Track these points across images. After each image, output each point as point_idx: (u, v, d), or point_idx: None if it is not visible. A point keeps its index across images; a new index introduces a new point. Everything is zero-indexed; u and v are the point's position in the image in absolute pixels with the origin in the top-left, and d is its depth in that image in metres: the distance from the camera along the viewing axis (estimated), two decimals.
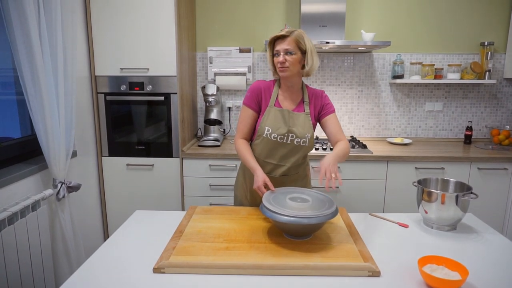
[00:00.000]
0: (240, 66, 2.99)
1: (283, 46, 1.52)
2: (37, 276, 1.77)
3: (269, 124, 1.59)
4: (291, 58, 1.52)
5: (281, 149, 1.61)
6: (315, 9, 2.66)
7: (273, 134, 1.58)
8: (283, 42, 1.52)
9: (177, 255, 1.18)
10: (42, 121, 1.82)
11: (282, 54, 1.52)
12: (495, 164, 2.50)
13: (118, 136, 2.59)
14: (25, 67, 1.72)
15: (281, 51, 1.53)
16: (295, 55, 1.52)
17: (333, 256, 1.18)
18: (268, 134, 1.58)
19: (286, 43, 1.52)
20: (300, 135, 1.58)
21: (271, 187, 1.46)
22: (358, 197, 2.55)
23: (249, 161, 1.58)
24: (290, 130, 1.58)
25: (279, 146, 1.60)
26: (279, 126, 1.58)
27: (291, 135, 1.58)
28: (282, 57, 1.52)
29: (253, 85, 1.65)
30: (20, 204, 1.66)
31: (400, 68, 2.91)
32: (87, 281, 1.08)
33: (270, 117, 1.59)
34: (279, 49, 1.53)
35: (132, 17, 2.42)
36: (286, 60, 1.52)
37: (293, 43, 1.52)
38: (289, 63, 1.52)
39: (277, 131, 1.58)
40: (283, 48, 1.52)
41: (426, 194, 1.42)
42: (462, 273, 1.05)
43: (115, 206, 2.67)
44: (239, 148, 1.64)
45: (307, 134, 1.60)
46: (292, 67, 1.53)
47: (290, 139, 1.58)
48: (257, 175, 1.51)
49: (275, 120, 1.59)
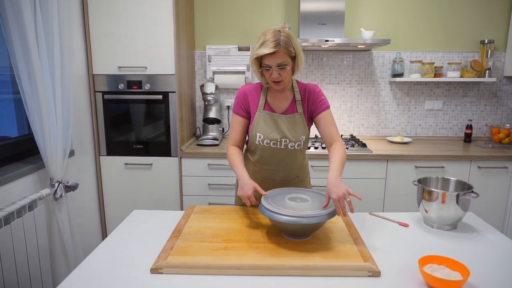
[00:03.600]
0: (239, 64, 2.97)
1: (275, 61, 1.37)
2: (34, 277, 1.76)
3: (260, 130, 1.51)
4: (284, 72, 1.40)
5: (276, 154, 1.54)
6: (314, 7, 2.64)
7: (266, 140, 1.51)
8: (273, 56, 1.37)
9: (175, 255, 1.17)
10: (39, 120, 1.80)
11: (275, 70, 1.39)
12: (495, 162, 2.49)
13: (116, 135, 2.58)
14: (21, 65, 1.70)
15: (272, 66, 1.39)
16: (288, 67, 1.40)
17: (332, 256, 1.17)
18: (260, 140, 1.51)
19: (278, 57, 1.37)
20: (294, 138, 1.50)
21: (261, 192, 1.37)
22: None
23: (237, 167, 1.47)
24: (283, 135, 1.49)
25: (274, 152, 1.53)
26: (270, 131, 1.50)
27: (284, 140, 1.50)
28: (276, 74, 1.39)
29: (239, 91, 1.57)
30: (16, 204, 1.65)
31: (399, 66, 2.89)
32: (84, 281, 1.07)
33: (260, 123, 1.51)
34: (269, 64, 1.39)
35: (130, 15, 2.40)
36: (280, 75, 1.40)
37: (284, 55, 1.37)
38: (283, 76, 1.41)
39: (269, 137, 1.50)
40: (275, 64, 1.38)
41: (426, 193, 1.41)
42: (463, 273, 1.03)
43: (113, 205, 2.66)
44: (228, 155, 1.55)
45: (302, 136, 1.52)
46: (286, 78, 1.43)
47: (283, 144, 1.50)
48: (245, 183, 1.39)
49: (266, 125, 1.50)
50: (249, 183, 1.39)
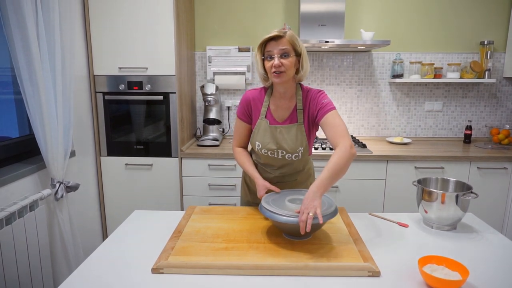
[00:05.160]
0: (239, 65, 2.98)
1: (278, 47, 1.36)
2: (35, 277, 1.76)
3: (258, 140, 1.53)
4: (287, 61, 1.36)
5: (274, 162, 1.56)
6: (314, 8, 2.65)
7: (264, 150, 1.52)
8: (278, 43, 1.36)
9: (175, 255, 1.17)
10: (40, 120, 1.81)
11: (277, 57, 1.36)
12: (494, 163, 2.49)
13: (116, 136, 2.58)
14: (22, 66, 1.71)
15: (275, 52, 1.36)
16: (291, 58, 1.38)
17: (332, 256, 1.17)
18: (259, 149, 1.53)
19: (281, 43, 1.36)
20: (291, 150, 1.49)
21: (275, 190, 1.44)
22: (358, 196, 2.54)
23: (249, 170, 1.57)
24: (280, 147, 1.49)
25: (272, 160, 1.55)
26: (268, 142, 1.51)
27: (281, 151, 1.50)
28: (277, 60, 1.36)
29: (243, 96, 1.57)
30: (18, 204, 1.65)
31: (399, 67, 2.90)
32: (85, 281, 1.08)
33: (260, 132, 1.53)
34: (272, 50, 1.37)
35: (131, 16, 2.41)
36: (282, 63, 1.36)
37: (288, 44, 1.36)
38: (285, 66, 1.36)
39: (266, 147, 1.51)
40: (279, 49, 1.36)
41: (426, 193, 1.42)
42: (463, 273, 1.04)
43: (113, 206, 2.66)
44: (236, 157, 1.64)
45: (300, 148, 1.49)
46: (288, 71, 1.38)
47: (280, 154, 1.51)
48: (258, 185, 1.49)
49: (264, 135, 1.51)
50: (261, 183, 1.48)
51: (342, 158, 1.27)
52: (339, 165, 1.26)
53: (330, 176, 1.25)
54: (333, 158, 1.29)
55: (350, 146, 1.31)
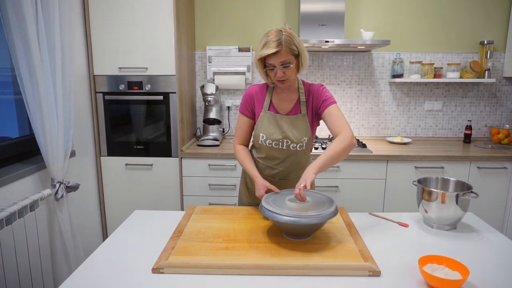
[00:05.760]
0: (239, 65, 2.98)
1: (278, 60, 1.40)
2: (35, 277, 1.76)
3: (263, 131, 1.54)
4: (288, 70, 1.42)
5: (278, 154, 1.57)
6: (314, 8, 2.65)
7: (268, 141, 1.54)
8: (277, 56, 1.39)
9: (176, 255, 1.17)
10: (40, 120, 1.81)
11: (279, 69, 1.41)
12: (494, 163, 2.50)
13: (116, 136, 2.58)
14: (22, 66, 1.71)
15: (276, 65, 1.41)
16: (292, 65, 1.42)
17: (333, 256, 1.17)
18: (263, 140, 1.54)
19: (281, 56, 1.39)
20: (296, 140, 1.52)
21: (274, 190, 1.44)
22: (358, 196, 2.54)
23: (248, 169, 1.57)
24: (285, 136, 1.52)
25: (276, 152, 1.56)
26: (273, 132, 1.53)
27: (286, 140, 1.52)
28: (280, 72, 1.41)
29: (246, 91, 1.61)
30: (18, 204, 1.65)
31: (399, 67, 2.90)
32: (85, 281, 1.08)
33: (264, 123, 1.55)
34: (273, 63, 1.41)
35: (131, 16, 2.41)
36: (284, 73, 1.42)
37: (287, 54, 1.39)
38: (287, 75, 1.43)
39: (271, 137, 1.53)
40: (279, 62, 1.40)
41: (426, 193, 1.42)
42: (463, 273, 1.04)
43: (114, 206, 2.66)
44: (237, 155, 1.64)
45: (304, 138, 1.53)
46: (291, 76, 1.45)
47: (285, 144, 1.53)
48: (257, 184, 1.49)
49: (269, 125, 1.54)
50: (260, 183, 1.48)
51: (341, 144, 1.36)
52: (338, 150, 1.35)
53: (328, 158, 1.34)
54: (334, 143, 1.37)
55: (351, 136, 1.39)
